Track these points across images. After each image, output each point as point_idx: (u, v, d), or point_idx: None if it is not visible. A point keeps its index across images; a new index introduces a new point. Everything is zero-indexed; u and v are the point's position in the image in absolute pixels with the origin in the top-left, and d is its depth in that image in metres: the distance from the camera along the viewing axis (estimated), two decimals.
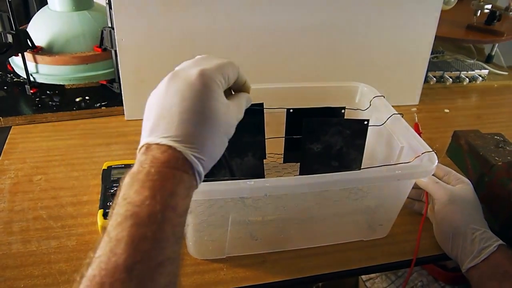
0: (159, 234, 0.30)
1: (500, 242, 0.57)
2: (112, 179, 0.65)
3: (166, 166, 0.32)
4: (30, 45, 0.88)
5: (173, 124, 0.34)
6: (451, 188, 0.63)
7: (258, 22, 0.85)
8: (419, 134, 0.63)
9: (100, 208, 0.60)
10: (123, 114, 0.88)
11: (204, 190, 0.49)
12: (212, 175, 0.62)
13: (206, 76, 0.36)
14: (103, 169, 0.68)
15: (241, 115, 0.43)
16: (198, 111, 0.35)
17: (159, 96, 0.36)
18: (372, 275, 1.04)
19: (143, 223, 0.29)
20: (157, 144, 0.33)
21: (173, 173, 0.32)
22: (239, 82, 0.44)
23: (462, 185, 0.63)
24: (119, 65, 0.83)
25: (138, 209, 0.30)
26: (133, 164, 0.34)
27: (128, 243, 0.28)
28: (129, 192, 0.31)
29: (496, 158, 0.70)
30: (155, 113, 0.35)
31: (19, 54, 0.87)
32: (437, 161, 0.55)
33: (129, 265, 0.28)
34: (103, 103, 0.91)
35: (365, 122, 0.65)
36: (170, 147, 0.33)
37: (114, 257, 0.28)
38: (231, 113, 0.39)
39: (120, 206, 0.30)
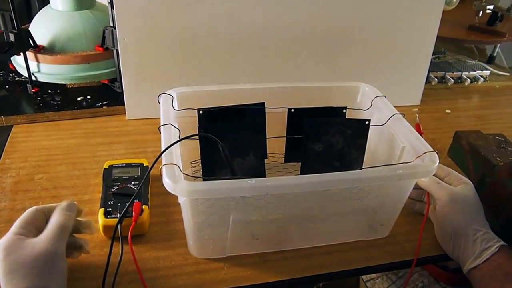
0: None
1: (502, 242, 0.57)
2: (113, 178, 0.65)
3: None
4: (32, 44, 0.88)
5: None
6: (452, 189, 0.62)
7: (260, 21, 0.85)
8: (421, 134, 0.63)
9: (101, 207, 0.60)
10: (125, 114, 0.88)
11: (205, 189, 0.49)
12: (213, 175, 0.62)
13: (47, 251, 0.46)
14: (104, 168, 0.68)
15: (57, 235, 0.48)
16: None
17: None
18: (373, 275, 1.04)
19: None
20: None
21: None
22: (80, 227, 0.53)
23: (463, 186, 0.63)
24: (120, 65, 0.83)
25: None
26: (134, 163, 0.35)
27: None
28: None
29: (498, 159, 0.70)
30: None
31: (21, 53, 0.87)
32: (438, 162, 0.55)
33: None
34: (104, 102, 0.91)
35: (367, 122, 0.65)
36: None
37: None
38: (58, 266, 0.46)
39: None
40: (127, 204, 0.55)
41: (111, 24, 0.85)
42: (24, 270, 0.43)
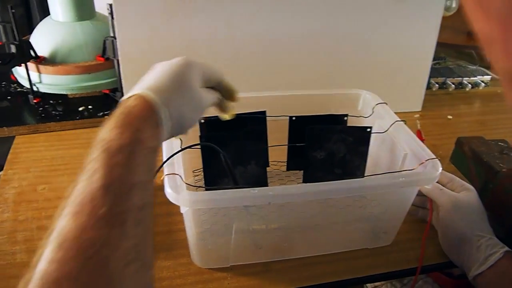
0: (129, 161, 0.34)
1: (506, 248, 0.57)
2: None
3: (133, 108, 0.38)
4: (33, 55, 0.88)
5: (150, 82, 0.42)
6: (455, 195, 0.62)
7: (259, 29, 0.85)
8: (422, 141, 0.63)
9: None
10: None
11: (208, 199, 0.49)
12: (215, 184, 0.62)
13: (187, 61, 0.46)
14: None
15: (211, 100, 0.49)
16: (173, 77, 0.43)
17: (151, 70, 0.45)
18: (377, 283, 1.04)
19: (114, 154, 0.33)
20: (131, 95, 0.40)
21: (139, 113, 0.37)
22: (222, 87, 0.51)
23: (466, 192, 0.63)
24: (121, 74, 0.83)
25: (109, 143, 0.34)
26: None
27: (103, 170, 0.32)
28: (101, 133, 0.35)
29: (501, 165, 0.70)
30: (142, 78, 0.44)
31: (22, 64, 0.87)
32: (441, 168, 0.55)
33: (105, 185, 0.32)
34: (106, 112, 0.91)
35: (368, 129, 0.65)
36: (140, 96, 0.39)
37: (91, 183, 0.32)
38: (202, 93, 0.46)
39: (95, 146, 0.34)
40: None
41: (112, 35, 0.86)
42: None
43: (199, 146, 0.59)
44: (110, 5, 0.80)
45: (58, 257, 0.29)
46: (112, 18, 0.81)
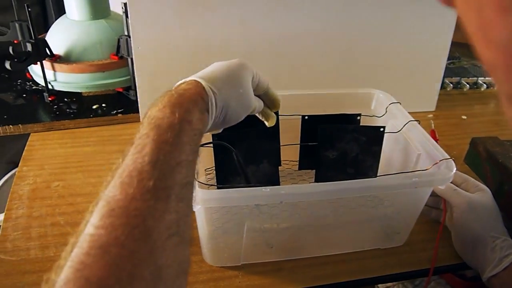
0: (177, 139, 0.36)
1: None
2: None
3: (185, 91, 0.40)
4: (49, 53, 0.89)
5: (205, 73, 0.45)
6: (469, 196, 0.62)
7: (272, 29, 0.85)
8: (436, 141, 0.62)
9: None
10: (139, 121, 0.89)
11: (220, 197, 0.49)
12: (227, 182, 0.62)
13: (243, 62, 0.49)
14: None
15: (258, 107, 0.53)
16: (227, 72, 0.46)
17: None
18: (389, 284, 1.03)
19: (164, 131, 0.35)
20: (186, 80, 0.43)
21: (190, 96, 0.40)
22: (268, 95, 0.55)
23: (480, 193, 0.62)
24: (135, 73, 0.84)
25: (160, 121, 0.36)
26: None
27: (152, 146, 0.34)
28: (152, 111, 0.37)
29: None
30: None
31: (38, 63, 0.88)
32: (455, 169, 0.55)
33: (153, 161, 0.33)
34: (119, 110, 0.92)
35: (381, 129, 0.64)
36: (194, 80, 0.42)
37: (140, 157, 0.33)
38: (251, 93, 0.49)
39: (145, 122, 0.37)
40: None
41: (126, 33, 0.86)
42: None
43: (211, 145, 0.60)
44: (125, 4, 0.80)
45: (107, 224, 0.30)
46: (127, 17, 0.81)
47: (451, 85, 1.12)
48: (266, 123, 0.57)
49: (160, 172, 0.33)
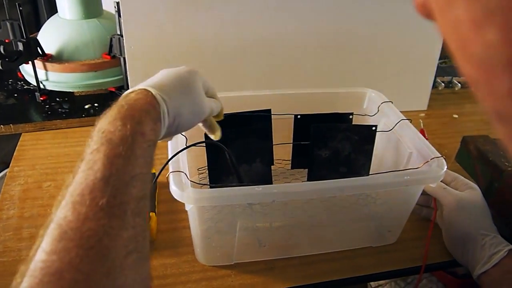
0: (130, 153, 0.34)
1: (511, 247, 0.57)
2: None
3: (136, 101, 0.38)
4: (40, 53, 0.89)
5: (154, 81, 0.43)
6: (459, 194, 0.62)
7: (266, 28, 0.85)
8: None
9: None
10: None
11: (212, 197, 0.49)
12: (220, 182, 0.62)
13: (192, 69, 0.48)
14: None
15: (215, 109, 0.51)
16: (176, 79, 0.45)
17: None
18: (381, 282, 1.04)
19: (116, 145, 0.34)
20: (135, 90, 0.40)
21: (142, 107, 0.38)
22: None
23: (470, 191, 0.63)
24: (127, 72, 0.83)
25: (111, 134, 0.34)
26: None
27: (104, 161, 0.33)
28: (102, 124, 0.36)
29: (506, 164, 0.69)
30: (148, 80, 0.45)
31: (30, 62, 0.88)
32: (446, 167, 0.55)
33: (106, 176, 0.32)
34: None
35: (373, 128, 0.65)
36: (143, 89, 0.40)
37: (92, 173, 0.32)
38: (203, 99, 0.48)
39: (95, 136, 0.35)
40: None
41: (118, 33, 0.86)
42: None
43: (204, 144, 0.60)
44: (117, 3, 0.80)
45: (59, 248, 0.29)
46: (119, 16, 0.81)
47: (443, 84, 1.13)
48: (212, 136, 0.54)
49: (113, 188, 0.32)
